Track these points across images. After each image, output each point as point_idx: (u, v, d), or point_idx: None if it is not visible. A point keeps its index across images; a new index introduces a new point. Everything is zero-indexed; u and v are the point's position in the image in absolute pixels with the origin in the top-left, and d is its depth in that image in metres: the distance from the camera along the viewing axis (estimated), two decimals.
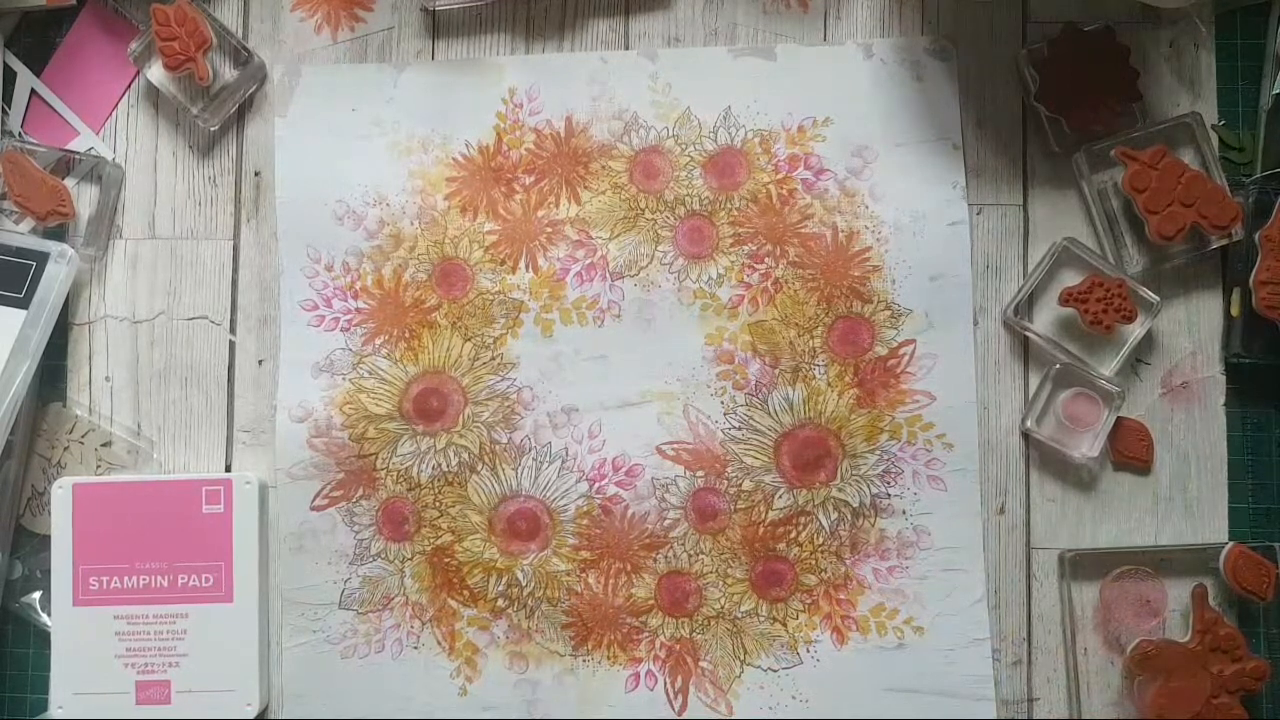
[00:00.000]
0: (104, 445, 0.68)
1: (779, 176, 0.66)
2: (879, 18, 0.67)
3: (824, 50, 0.67)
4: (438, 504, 0.66)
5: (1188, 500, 0.64)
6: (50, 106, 0.69)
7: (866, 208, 0.66)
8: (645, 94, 0.67)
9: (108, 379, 0.68)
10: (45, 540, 0.66)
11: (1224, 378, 0.65)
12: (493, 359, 0.67)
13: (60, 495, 0.65)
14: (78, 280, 0.68)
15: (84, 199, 0.68)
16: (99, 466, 0.67)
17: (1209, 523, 0.64)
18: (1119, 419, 0.63)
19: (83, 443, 0.68)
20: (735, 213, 0.66)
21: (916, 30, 0.67)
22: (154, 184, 0.69)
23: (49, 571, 0.65)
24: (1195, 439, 0.64)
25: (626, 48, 0.68)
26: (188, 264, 0.68)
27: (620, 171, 0.67)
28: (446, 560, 0.66)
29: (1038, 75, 0.64)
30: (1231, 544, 0.62)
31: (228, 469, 0.68)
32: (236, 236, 0.68)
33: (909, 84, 0.66)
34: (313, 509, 0.67)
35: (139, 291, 0.68)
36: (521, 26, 0.68)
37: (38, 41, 0.69)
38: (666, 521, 0.66)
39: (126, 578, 0.65)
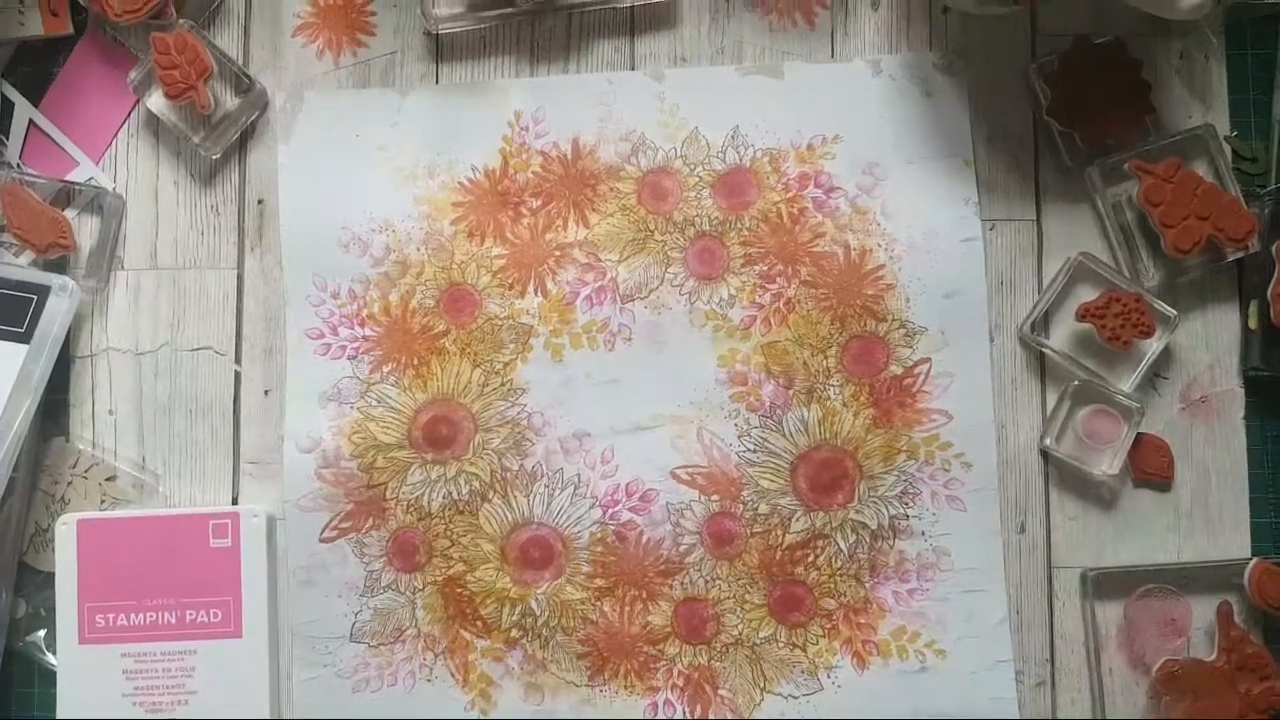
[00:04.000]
0: (108, 480, 0.66)
1: (789, 195, 0.66)
2: (886, 34, 0.66)
3: (832, 68, 0.66)
4: (449, 533, 0.65)
5: (1209, 516, 0.63)
6: (49, 137, 0.68)
7: (879, 225, 0.65)
8: (652, 114, 0.67)
9: (111, 412, 0.67)
10: (49, 577, 0.65)
11: (1243, 391, 0.64)
12: (502, 385, 0.66)
13: (64, 531, 0.64)
14: (79, 313, 0.67)
15: (85, 230, 0.67)
16: (103, 502, 0.66)
17: (1232, 538, 0.63)
18: (1139, 435, 0.63)
19: (86, 478, 0.67)
20: (746, 233, 0.66)
21: (925, 46, 0.66)
22: (155, 214, 0.68)
23: (54, 609, 0.64)
24: (1216, 453, 0.64)
25: (632, 68, 0.67)
26: (191, 294, 0.67)
27: (628, 193, 0.66)
28: (459, 590, 0.65)
29: (1049, 90, 0.63)
30: (1255, 560, 0.62)
31: (234, 502, 0.67)
32: (240, 265, 0.67)
33: (918, 100, 0.66)
34: (322, 541, 0.66)
35: (142, 323, 0.67)
36: (526, 48, 0.67)
37: (35, 71, 0.68)
38: (682, 547, 0.65)
39: (133, 614, 0.64)
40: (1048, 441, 0.63)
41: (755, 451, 0.65)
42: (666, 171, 0.66)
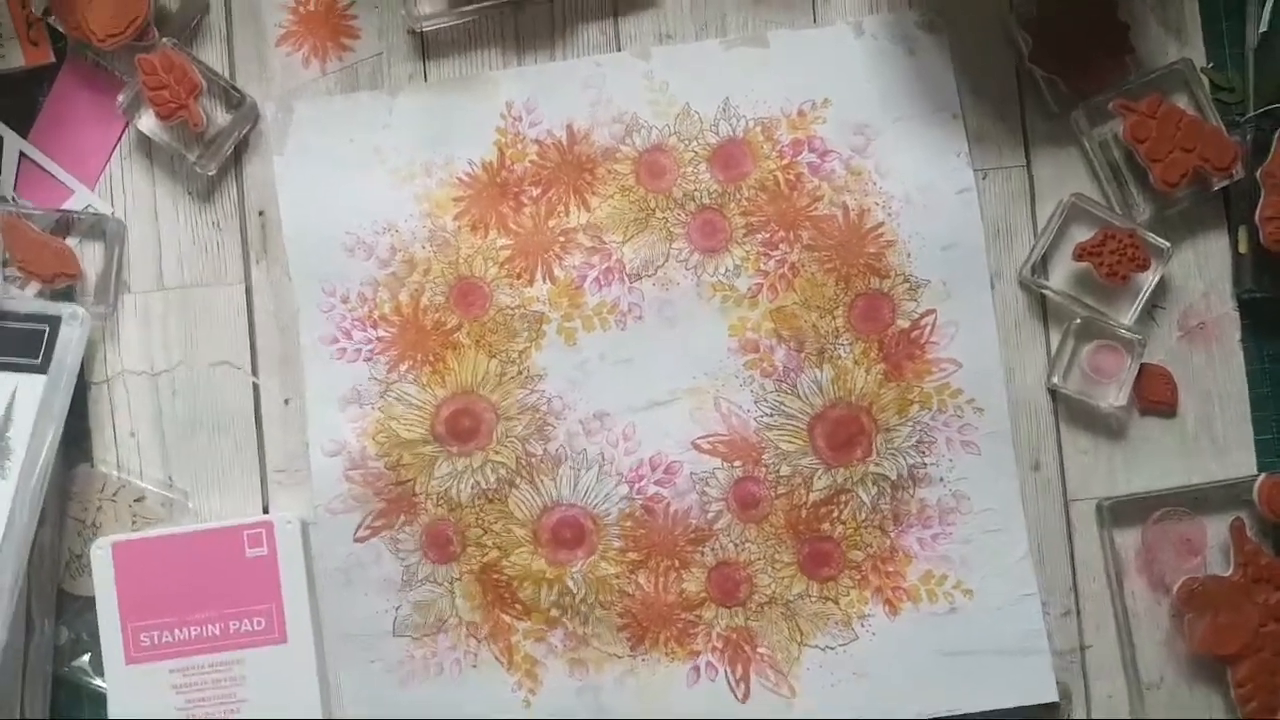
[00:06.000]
0: (137, 501, 0.67)
1: (784, 162, 0.67)
2: None
3: (815, 32, 0.67)
4: (480, 522, 0.67)
5: (1215, 437, 0.66)
6: (41, 168, 0.68)
7: (874, 184, 0.66)
8: (643, 94, 0.67)
9: (133, 434, 0.68)
10: (89, 602, 0.66)
11: (1238, 314, 0.66)
12: (519, 373, 0.67)
13: (100, 555, 0.65)
14: (91, 339, 0.67)
15: (89, 257, 0.68)
16: (135, 523, 0.67)
17: (1238, 457, 0.65)
18: (1142, 366, 0.65)
19: (115, 501, 0.67)
20: (745, 203, 0.67)
21: (904, 5, 0.67)
22: (157, 235, 0.68)
23: (96, 633, 0.65)
24: (1216, 377, 0.66)
25: (619, 49, 0.68)
26: (201, 311, 0.68)
27: (626, 174, 0.67)
28: (495, 577, 0.66)
29: (1029, 37, 0.65)
30: (1263, 475, 0.64)
31: (265, 511, 0.68)
32: (248, 278, 0.68)
33: (902, 59, 0.67)
34: (356, 541, 0.67)
35: (154, 344, 0.68)
36: (511, 38, 0.68)
37: (20, 102, 0.68)
38: (709, 514, 0.66)
39: (178, 630, 0.65)
40: (1055, 380, 0.65)
41: (772, 415, 0.66)
42: (662, 149, 0.67)
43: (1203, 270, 0.66)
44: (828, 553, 0.66)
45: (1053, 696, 0.64)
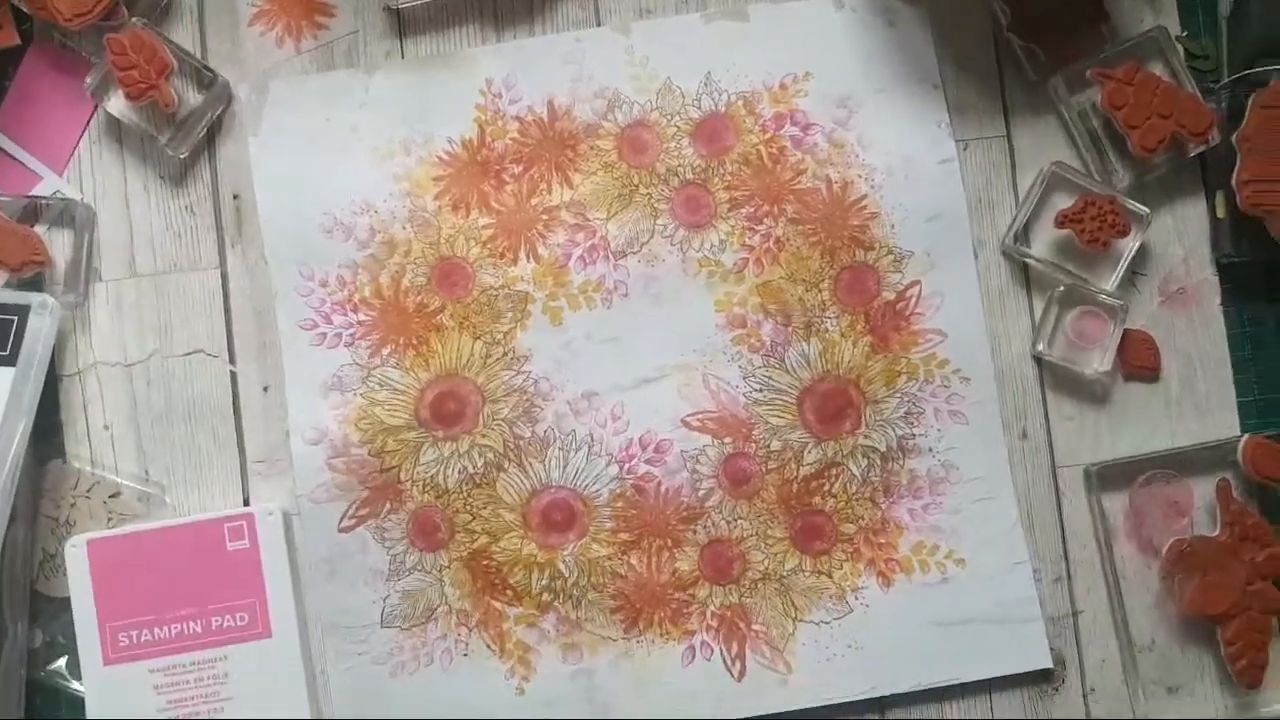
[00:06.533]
0: (112, 496, 0.65)
1: (767, 136, 0.67)
2: None
3: (795, 5, 0.67)
4: (468, 508, 0.65)
5: (1198, 400, 0.66)
6: (6, 153, 0.66)
7: (857, 156, 0.66)
8: (623, 69, 0.67)
9: (106, 427, 0.66)
10: (64, 603, 0.64)
11: (1217, 278, 0.67)
12: (505, 354, 0.66)
13: (75, 554, 0.63)
14: (61, 330, 0.65)
15: (58, 245, 0.65)
16: (110, 519, 0.65)
17: (1221, 419, 0.66)
18: (1125, 331, 0.65)
19: (89, 497, 0.65)
20: (729, 177, 0.67)
21: None
22: (129, 221, 0.66)
23: (73, 635, 0.63)
24: (1197, 341, 0.67)
25: (598, 24, 0.67)
26: (175, 298, 0.66)
27: (609, 150, 0.67)
28: (485, 563, 0.65)
29: (1007, 8, 0.65)
30: (1246, 436, 0.65)
31: (246, 503, 0.66)
32: (223, 264, 0.66)
33: (882, 30, 0.67)
34: (341, 530, 0.65)
35: (128, 333, 0.66)
36: (490, 15, 0.67)
37: None
38: (701, 492, 0.66)
39: (157, 628, 0.63)
40: (1040, 347, 0.66)
41: (761, 390, 0.66)
42: (644, 124, 0.67)
43: (1182, 236, 0.67)
44: (819, 526, 0.66)
45: (1047, 663, 0.65)
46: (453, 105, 0.66)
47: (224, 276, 0.66)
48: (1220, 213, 0.66)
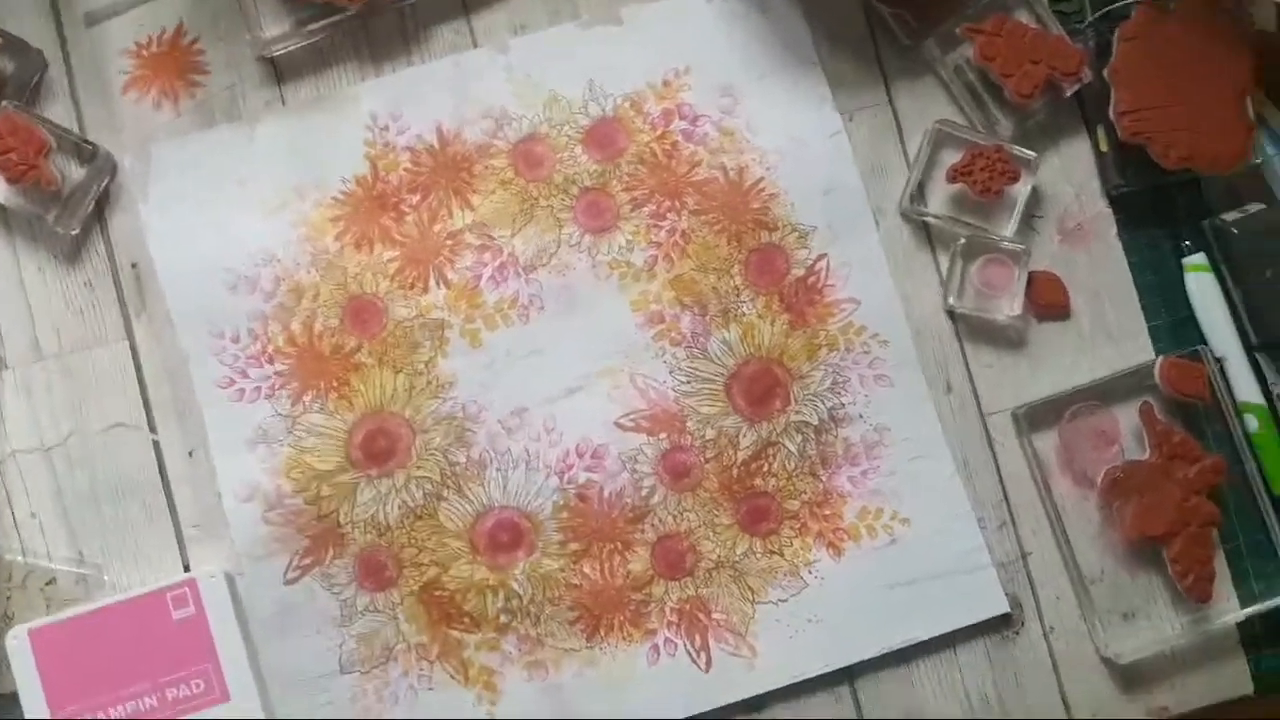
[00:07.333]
0: (48, 584, 0.64)
1: (658, 134, 0.67)
2: None
3: (666, 3, 0.68)
4: (414, 542, 0.65)
5: (1110, 331, 0.68)
6: None
7: (748, 141, 0.67)
8: (505, 87, 0.67)
9: (33, 515, 0.64)
10: (11, 698, 0.62)
11: (1110, 210, 0.69)
12: (429, 383, 0.66)
13: (17, 646, 0.62)
14: None
15: None
16: (49, 606, 0.64)
17: (1134, 345, 0.68)
18: (1031, 274, 0.67)
19: (25, 587, 0.64)
20: (626, 178, 0.67)
21: None
22: (27, 304, 0.65)
23: None
24: (1101, 273, 0.68)
25: (475, 46, 0.68)
26: (86, 376, 0.65)
27: (504, 168, 0.67)
28: (438, 594, 0.65)
29: None
30: (1160, 358, 0.66)
31: (186, 569, 0.65)
32: (130, 335, 0.65)
33: (755, 17, 0.68)
34: (286, 583, 0.64)
35: (41, 418, 0.65)
36: (365, 50, 0.67)
37: None
38: (643, 491, 0.66)
39: (112, 708, 0.62)
40: (950, 301, 0.67)
41: (689, 382, 0.67)
42: (535, 138, 0.67)
43: (1070, 174, 0.69)
44: (765, 507, 0.66)
45: (1004, 608, 0.66)
46: (341, 144, 0.66)
47: (133, 348, 0.65)
48: (1104, 147, 0.68)
